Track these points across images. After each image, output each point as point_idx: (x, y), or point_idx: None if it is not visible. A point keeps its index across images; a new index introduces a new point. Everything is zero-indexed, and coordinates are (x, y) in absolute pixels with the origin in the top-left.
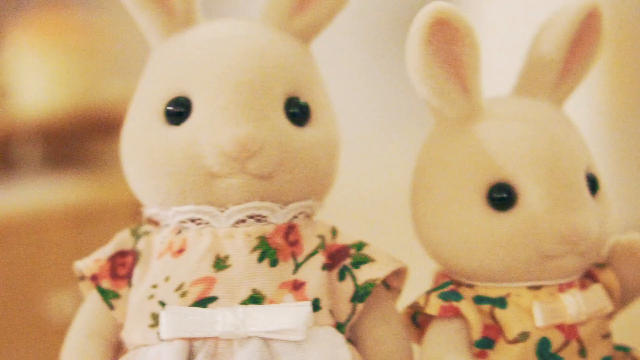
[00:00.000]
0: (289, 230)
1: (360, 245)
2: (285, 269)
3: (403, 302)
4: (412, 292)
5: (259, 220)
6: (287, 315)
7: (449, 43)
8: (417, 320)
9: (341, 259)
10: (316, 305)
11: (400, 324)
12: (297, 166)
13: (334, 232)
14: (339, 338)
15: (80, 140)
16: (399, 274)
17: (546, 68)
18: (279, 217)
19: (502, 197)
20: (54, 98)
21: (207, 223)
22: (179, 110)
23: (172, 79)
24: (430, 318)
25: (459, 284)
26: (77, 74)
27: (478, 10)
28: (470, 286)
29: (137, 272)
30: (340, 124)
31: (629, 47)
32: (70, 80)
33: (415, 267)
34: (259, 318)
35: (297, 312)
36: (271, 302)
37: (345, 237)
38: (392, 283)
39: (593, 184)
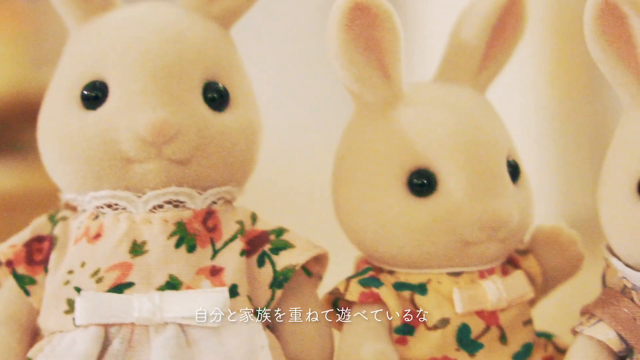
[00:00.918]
0: (208, 216)
1: (279, 232)
2: (203, 255)
3: (326, 288)
4: (335, 278)
5: (176, 206)
6: (203, 301)
7: (369, 28)
8: (338, 306)
9: (260, 245)
10: (234, 291)
11: (320, 310)
12: (215, 151)
13: (253, 218)
14: (257, 324)
15: (14, 127)
16: (320, 260)
17: (468, 54)
18: (197, 202)
19: (422, 183)
20: None
21: (124, 208)
22: (95, 95)
23: (88, 63)
24: (351, 304)
25: (380, 270)
26: (11, 61)
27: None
28: (391, 272)
29: (53, 257)
30: (261, 110)
31: (570, 37)
32: (4, 67)
33: (337, 254)
34: (176, 304)
35: (214, 298)
36: (188, 288)
37: (265, 223)
38: (312, 269)
39: (514, 171)
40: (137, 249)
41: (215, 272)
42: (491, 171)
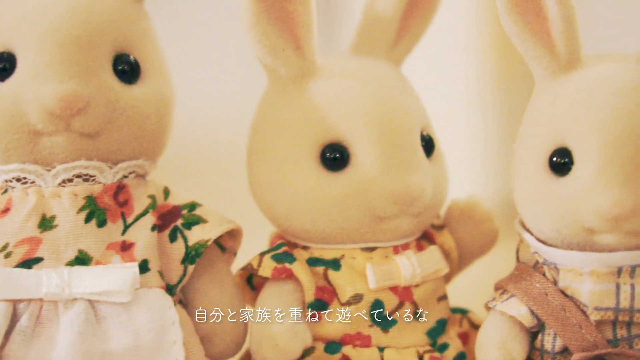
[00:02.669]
0: (119, 190)
1: (192, 206)
2: (113, 230)
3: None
4: (251, 254)
5: (86, 180)
6: (113, 277)
7: (281, 0)
8: (253, 282)
9: (172, 219)
10: (144, 267)
11: (233, 285)
12: (125, 125)
13: (166, 192)
14: (167, 300)
15: None
16: (234, 235)
17: (383, 26)
18: (108, 176)
19: (334, 157)
20: None
21: (33, 182)
22: (2, 66)
23: None
24: (264, 280)
25: (294, 245)
26: None
27: None
28: (305, 248)
29: None
30: (175, 83)
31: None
32: None
33: (252, 229)
34: (85, 279)
35: (124, 274)
36: (98, 263)
37: (178, 198)
38: (226, 244)
39: (428, 145)
40: (46, 223)
41: (125, 247)
42: (404, 145)
